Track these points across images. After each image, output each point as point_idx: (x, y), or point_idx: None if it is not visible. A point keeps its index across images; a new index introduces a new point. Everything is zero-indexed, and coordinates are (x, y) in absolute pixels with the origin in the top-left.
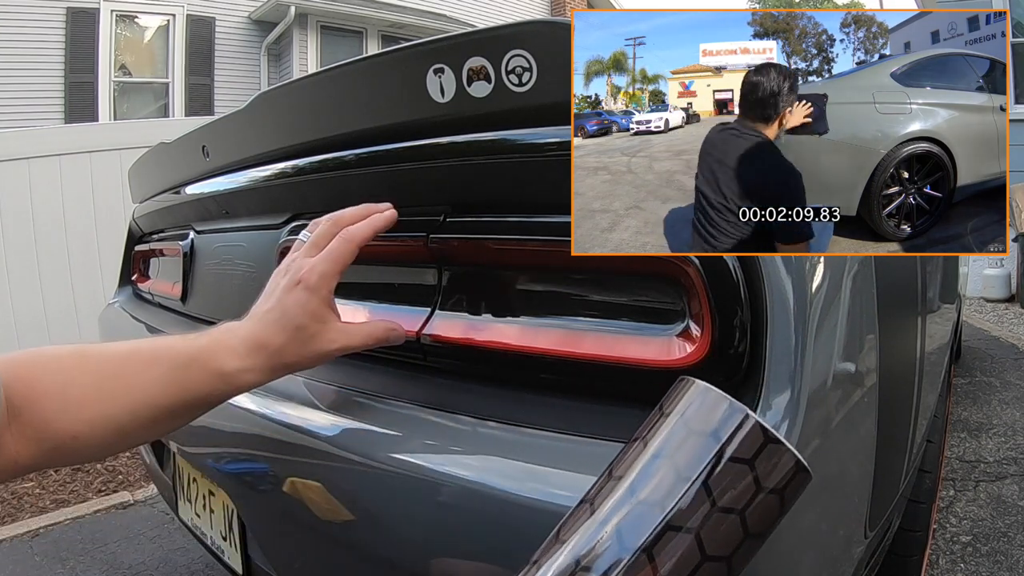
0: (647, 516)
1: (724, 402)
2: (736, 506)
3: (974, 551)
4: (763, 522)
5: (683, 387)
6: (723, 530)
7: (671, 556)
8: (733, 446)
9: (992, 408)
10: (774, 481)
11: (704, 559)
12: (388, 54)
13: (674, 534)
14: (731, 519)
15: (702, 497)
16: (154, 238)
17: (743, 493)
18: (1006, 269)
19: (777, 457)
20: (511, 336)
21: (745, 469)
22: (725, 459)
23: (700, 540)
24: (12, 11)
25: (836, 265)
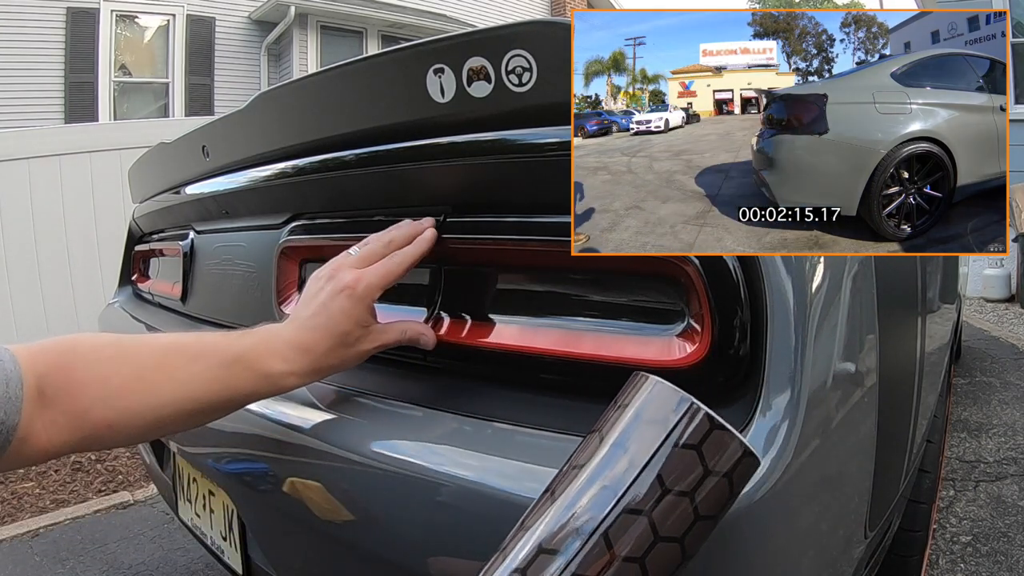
0: (604, 502)
1: (674, 394)
2: (687, 490)
3: (974, 551)
4: (714, 505)
5: (637, 382)
6: (675, 513)
7: (628, 538)
8: (682, 433)
9: (992, 408)
10: (723, 466)
11: (657, 540)
12: (388, 54)
13: (630, 517)
14: (683, 502)
15: (655, 482)
16: (154, 238)
17: (693, 478)
18: (1006, 269)
19: (725, 443)
20: (511, 336)
21: (694, 455)
22: (675, 446)
23: (653, 523)
24: (12, 11)
25: (836, 265)
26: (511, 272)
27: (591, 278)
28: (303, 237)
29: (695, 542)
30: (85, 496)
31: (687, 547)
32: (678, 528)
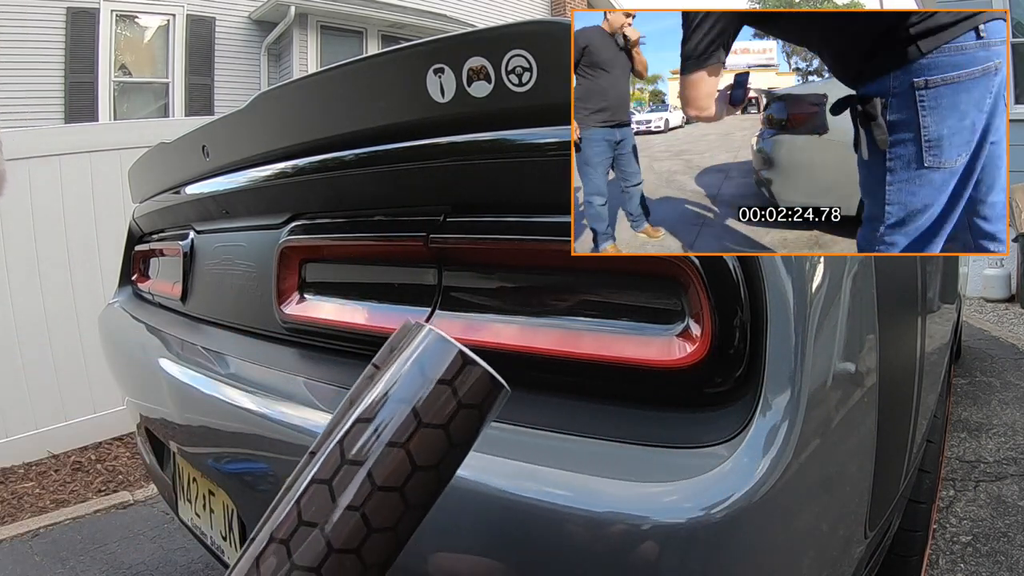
0: (369, 437)
1: (434, 337)
2: (439, 421)
3: (974, 551)
4: (465, 433)
5: (408, 328)
6: (430, 442)
7: (386, 471)
8: (434, 369)
9: (992, 408)
10: (473, 397)
11: (415, 469)
12: (388, 54)
13: (392, 450)
14: (437, 433)
15: (409, 415)
16: (154, 238)
17: (446, 409)
18: (1006, 269)
19: (475, 376)
20: (511, 336)
21: (447, 389)
22: (428, 381)
23: (410, 454)
24: (12, 11)
25: (836, 265)
26: (511, 272)
27: (591, 278)
28: (303, 237)
29: (448, 469)
30: (85, 496)
31: (442, 474)
32: (434, 456)
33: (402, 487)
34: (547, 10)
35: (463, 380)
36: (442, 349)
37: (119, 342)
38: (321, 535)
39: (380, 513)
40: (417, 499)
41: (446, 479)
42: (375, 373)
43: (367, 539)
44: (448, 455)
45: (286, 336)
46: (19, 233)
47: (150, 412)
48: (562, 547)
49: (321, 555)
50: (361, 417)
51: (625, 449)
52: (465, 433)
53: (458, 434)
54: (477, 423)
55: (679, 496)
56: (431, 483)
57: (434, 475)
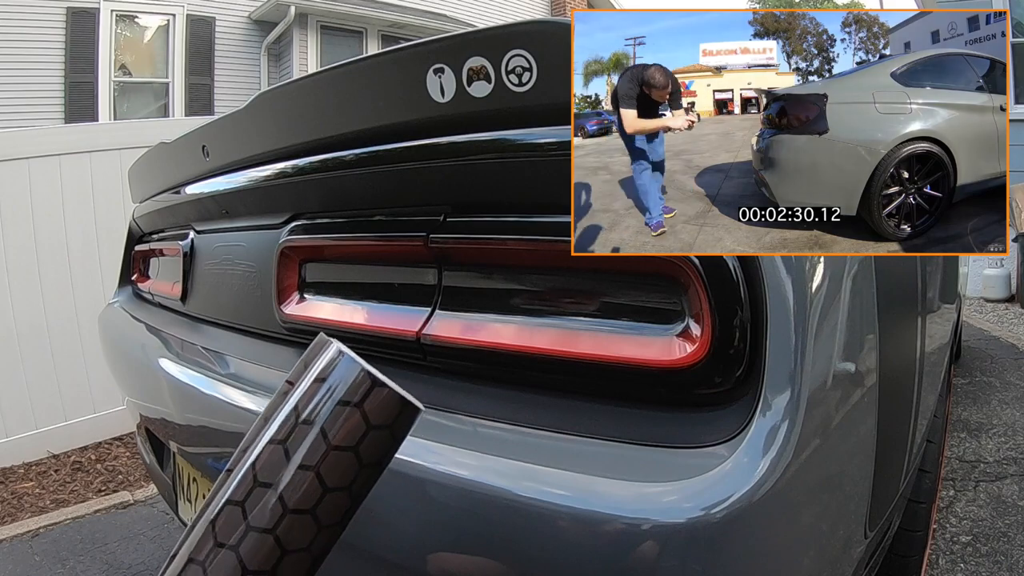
0: (279, 460)
1: (341, 356)
2: (349, 444)
3: (974, 551)
4: (376, 454)
5: (320, 344)
6: (341, 465)
7: (297, 494)
8: (341, 391)
9: (992, 408)
10: (383, 419)
11: (325, 491)
12: (388, 54)
13: (302, 473)
14: (347, 456)
15: (319, 438)
16: (154, 238)
17: (356, 432)
18: (1006, 269)
19: (385, 398)
20: (511, 336)
21: (356, 411)
22: (336, 403)
23: (320, 476)
24: (12, 11)
25: (836, 265)
26: (511, 272)
27: (591, 278)
28: (303, 237)
29: (361, 488)
30: (85, 496)
31: (354, 494)
32: (344, 479)
33: (313, 508)
34: (547, 10)
35: (373, 402)
36: (350, 369)
37: (119, 342)
38: (235, 556)
39: (293, 534)
40: (330, 519)
41: (360, 498)
42: (288, 390)
43: (282, 560)
44: (360, 475)
45: (286, 336)
46: (19, 233)
47: (150, 412)
48: (562, 547)
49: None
50: (273, 438)
51: (625, 449)
52: (376, 454)
53: (369, 455)
54: (389, 444)
55: (679, 496)
56: (343, 503)
57: (345, 495)
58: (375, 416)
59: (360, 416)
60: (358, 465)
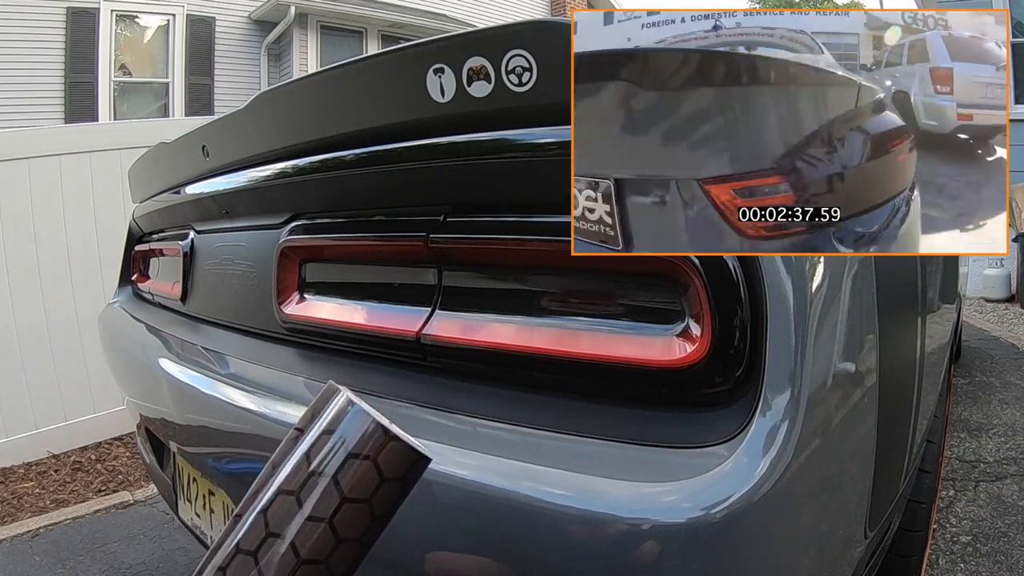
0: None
1: (351, 407)
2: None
3: (974, 551)
4: (388, 505)
5: (329, 393)
6: (352, 518)
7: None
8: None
9: (992, 408)
10: (396, 472)
11: (338, 543)
12: (388, 54)
13: (312, 524)
14: (361, 507)
15: (331, 489)
16: (154, 238)
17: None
18: (1006, 269)
19: (398, 452)
20: (511, 336)
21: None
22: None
23: (334, 527)
24: (12, 11)
25: (836, 265)
26: (511, 272)
27: (591, 278)
28: (303, 237)
29: (372, 538)
30: (85, 496)
31: (365, 543)
32: (357, 530)
33: (327, 559)
34: (547, 10)
35: (386, 456)
36: (361, 421)
37: (119, 342)
38: None
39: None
40: (341, 568)
41: (369, 547)
42: (298, 437)
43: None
44: (371, 526)
45: (286, 336)
46: (19, 233)
47: (150, 412)
48: (562, 547)
49: None
50: (283, 488)
51: (625, 449)
52: (388, 505)
53: (381, 507)
54: (399, 494)
55: (679, 496)
56: (353, 553)
57: (356, 546)
58: (388, 469)
59: (373, 469)
60: (371, 517)
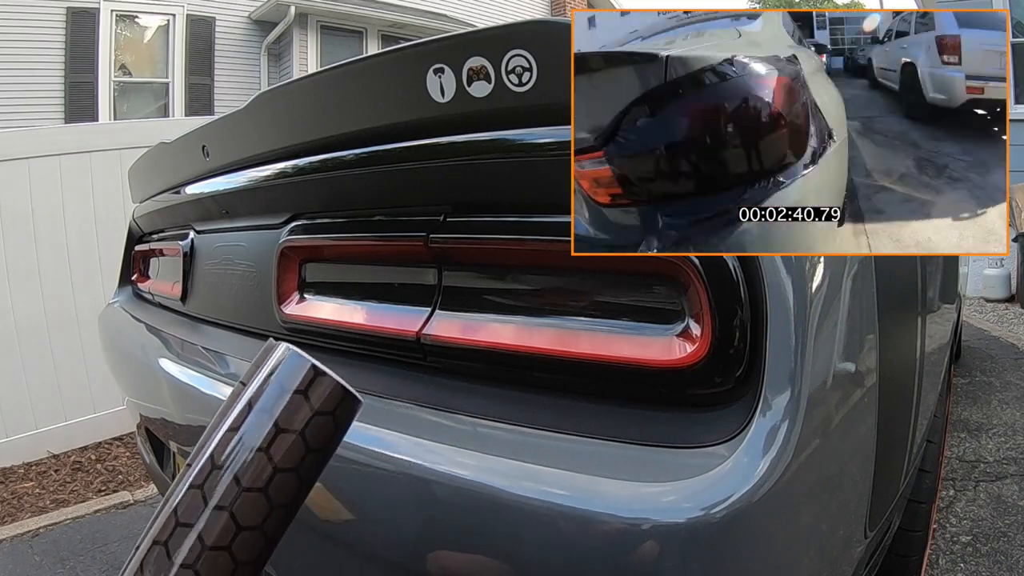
0: (235, 444)
1: (288, 353)
2: (295, 427)
3: (974, 551)
4: (321, 439)
5: (269, 348)
6: (286, 446)
7: (249, 474)
8: (287, 380)
9: (992, 408)
10: (326, 406)
11: (275, 471)
12: (388, 54)
13: (251, 454)
14: (294, 438)
15: (266, 422)
16: (154, 238)
17: (301, 416)
18: (1006, 269)
19: (327, 386)
20: (511, 336)
21: (300, 398)
22: (283, 391)
23: (270, 455)
24: (12, 11)
25: (836, 265)
26: (511, 272)
27: (591, 278)
28: (303, 237)
29: (309, 472)
30: (85, 496)
31: (302, 476)
32: (292, 460)
33: (265, 488)
34: (547, 10)
35: (316, 390)
36: (296, 364)
37: (119, 342)
38: (196, 535)
39: (247, 512)
40: (280, 499)
41: (307, 481)
42: (242, 389)
43: (236, 537)
44: (306, 459)
45: (286, 336)
46: (19, 233)
47: (150, 412)
48: (562, 547)
49: (196, 553)
50: (230, 427)
51: (625, 449)
52: (321, 439)
53: (314, 440)
54: (332, 430)
55: (679, 496)
56: (292, 484)
57: (294, 477)
58: (318, 402)
59: (305, 402)
60: (305, 448)
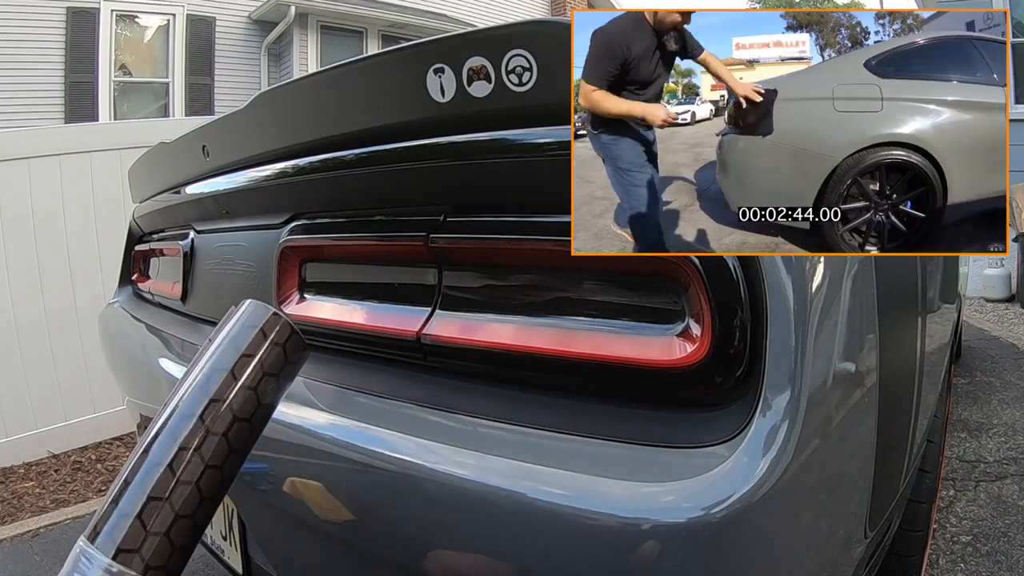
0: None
1: (249, 303)
2: (252, 353)
3: (974, 551)
4: (274, 365)
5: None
6: (246, 368)
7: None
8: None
9: (992, 408)
10: (278, 338)
11: (238, 387)
12: (388, 54)
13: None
14: (251, 360)
15: (232, 349)
16: (154, 238)
17: (256, 343)
18: (1006, 269)
19: (276, 322)
20: (511, 336)
21: (259, 332)
22: (245, 326)
23: (235, 375)
24: (12, 11)
25: (836, 265)
26: (511, 272)
27: (591, 278)
28: (303, 237)
29: (267, 393)
30: (85, 496)
31: (260, 396)
32: (252, 380)
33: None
34: (547, 10)
35: (269, 326)
36: (256, 309)
37: (119, 342)
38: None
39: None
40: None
41: (266, 406)
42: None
43: (205, 441)
44: (263, 379)
45: None
46: (19, 233)
47: (150, 412)
48: (562, 547)
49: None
50: (204, 363)
51: (625, 449)
52: (275, 364)
53: (270, 366)
54: (283, 359)
55: (679, 496)
56: (251, 401)
57: (253, 394)
58: (270, 333)
59: (261, 334)
60: (262, 371)
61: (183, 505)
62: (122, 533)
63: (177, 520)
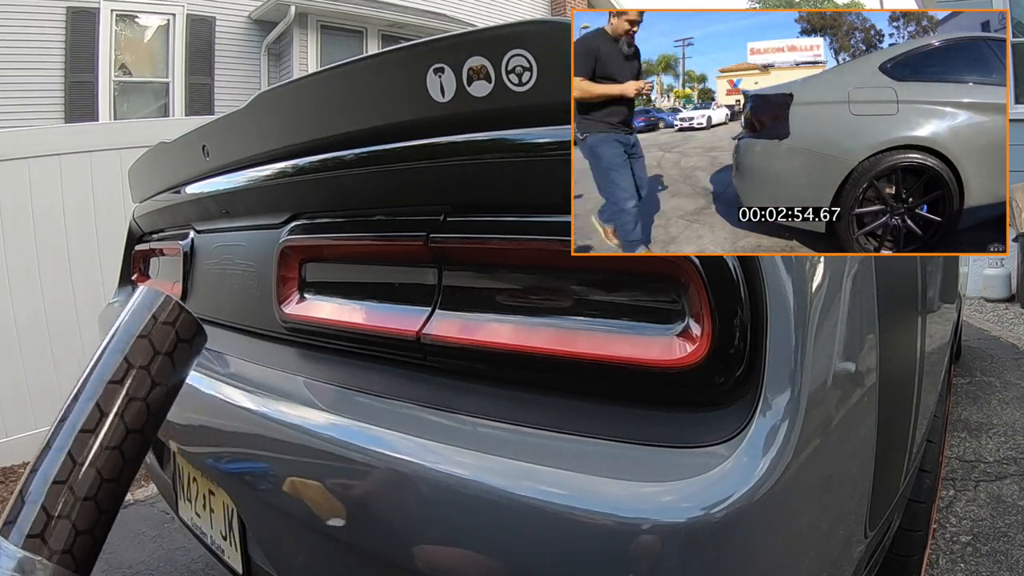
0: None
1: (144, 288)
2: (145, 334)
3: (974, 551)
4: (165, 343)
5: (138, 292)
6: (140, 348)
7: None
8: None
9: (992, 408)
10: (168, 319)
11: (130, 367)
12: (388, 54)
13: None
14: (145, 341)
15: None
16: (154, 238)
17: (148, 327)
18: (1006, 269)
19: (169, 306)
20: (511, 336)
21: (151, 319)
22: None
23: (128, 361)
24: (12, 11)
25: (836, 265)
26: (511, 272)
27: (591, 278)
28: (303, 237)
29: (161, 376)
30: None
31: (154, 377)
32: (144, 359)
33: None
34: (547, 10)
35: (161, 310)
36: (151, 293)
37: None
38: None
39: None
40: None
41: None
42: (109, 329)
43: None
44: (155, 358)
45: (286, 336)
46: (19, 233)
47: None
48: (562, 547)
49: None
50: (104, 348)
51: (625, 449)
52: (167, 343)
53: (160, 344)
54: (174, 338)
55: (679, 496)
56: (145, 382)
57: (146, 374)
58: (161, 315)
59: (151, 316)
60: (153, 350)
61: (86, 488)
62: (29, 522)
63: (80, 503)
